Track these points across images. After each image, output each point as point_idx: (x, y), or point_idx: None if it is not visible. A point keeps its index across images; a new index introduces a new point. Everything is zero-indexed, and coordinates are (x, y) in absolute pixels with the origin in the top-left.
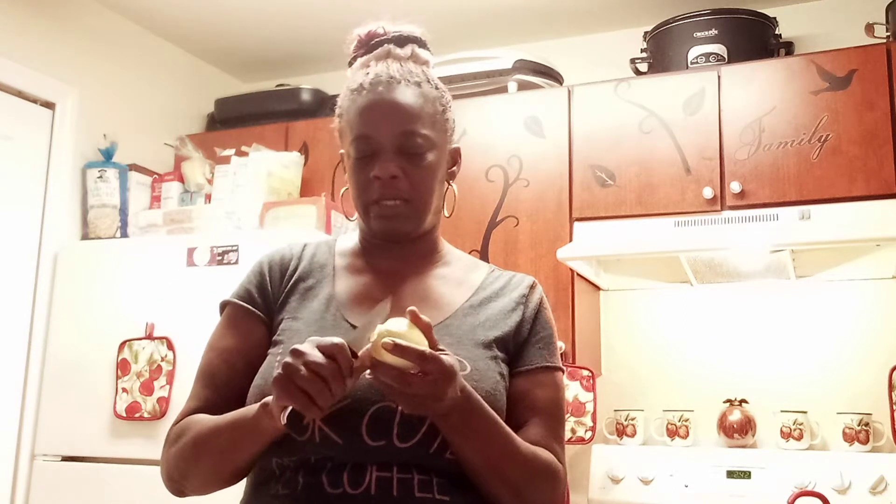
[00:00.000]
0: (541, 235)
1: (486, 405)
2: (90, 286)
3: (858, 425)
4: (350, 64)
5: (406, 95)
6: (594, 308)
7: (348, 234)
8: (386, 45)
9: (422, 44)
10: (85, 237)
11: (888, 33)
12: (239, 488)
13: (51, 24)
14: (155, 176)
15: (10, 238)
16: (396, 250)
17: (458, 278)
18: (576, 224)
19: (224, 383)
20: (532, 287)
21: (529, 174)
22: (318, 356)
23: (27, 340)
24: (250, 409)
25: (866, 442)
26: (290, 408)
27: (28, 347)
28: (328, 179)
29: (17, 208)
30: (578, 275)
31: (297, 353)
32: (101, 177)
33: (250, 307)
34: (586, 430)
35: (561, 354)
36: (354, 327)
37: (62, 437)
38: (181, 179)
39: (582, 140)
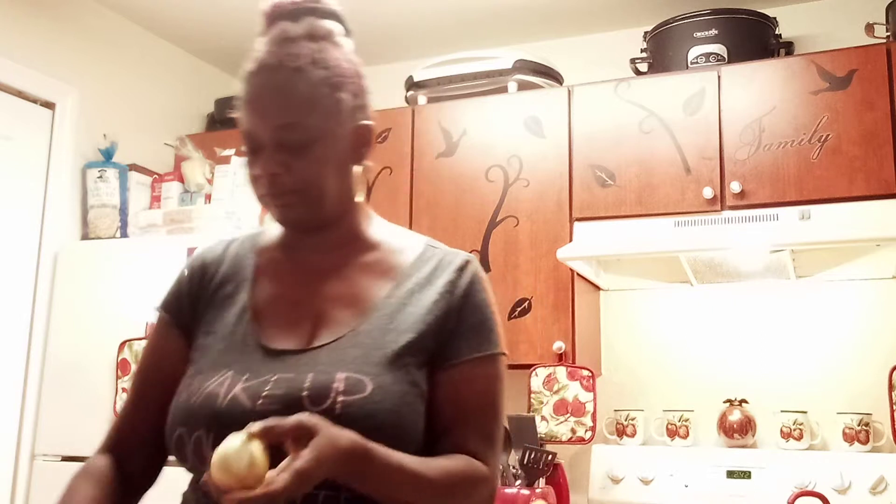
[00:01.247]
0: (541, 235)
1: (379, 453)
2: (90, 286)
3: (858, 425)
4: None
5: (282, 84)
6: (594, 308)
7: (273, 224)
8: (280, 22)
9: (323, 14)
10: (85, 237)
11: (888, 33)
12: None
13: (51, 24)
14: (155, 176)
15: (10, 238)
16: (312, 242)
17: (385, 265)
18: (576, 224)
19: (142, 400)
20: (462, 269)
21: (529, 174)
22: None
23: (27, 340)
24: None
25: (866, 442)
26: None
27: (28, 347)
28: None
29: (17, 208)
30: (578, 275)
31: None
32: (101, 177)
33: (168, 316)
34: (586, 430)
35: (561, 354)
36: (262, 346)
37: (62, 437)
38: (181, 179)
39: (582, 140)
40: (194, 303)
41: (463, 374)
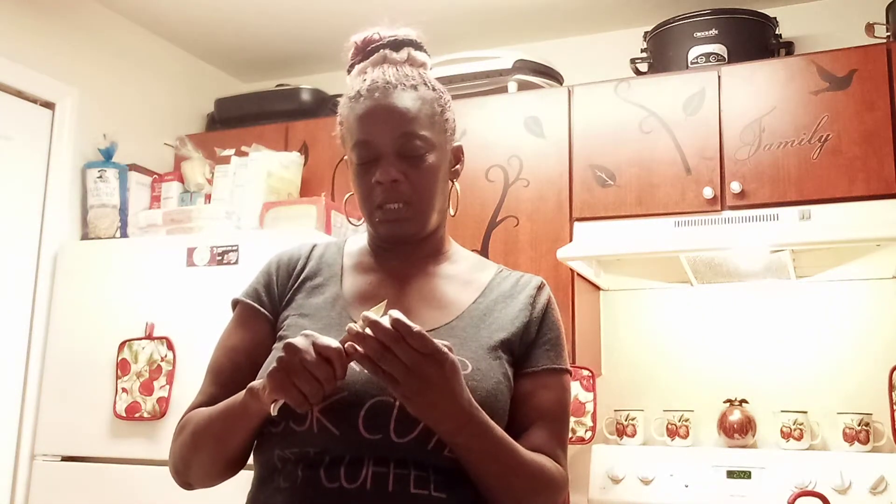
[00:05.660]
0: (541, 235)
1: (492, 425)
2: (90, 286)
3: (858, 425)
4: (349, 72)
5: (403, 99)
6: (594, 308)
7: (357, 236)
8: (382, 50)
9: (418, 46)
10: (85, 237)
11: (888, 33)
12: (246, 486)
13: (51, 24)
14: (155, 176)
15: (10, 238)
16: (403, 250)
17: (465, 278)
18: (576, 224)
19: (228, 379)
20: (540, 288)
21: (529, 174)
22: (314, 357)
23: (27, 340)
24: (239, 395)
25: (866, 442)
26: (282, 401)
27: (28, 347)
28: (328, 179)
29: (17, 208)
30: (578, 275)
31: (293, 351)
32: (100, 177)
33: (256, 306)
34: (586, 430)
35: None
36: None
37: (62, 437)
38: (181, 179)
39: (582, 140)
40: (282, 291)
41: (541, 382)
